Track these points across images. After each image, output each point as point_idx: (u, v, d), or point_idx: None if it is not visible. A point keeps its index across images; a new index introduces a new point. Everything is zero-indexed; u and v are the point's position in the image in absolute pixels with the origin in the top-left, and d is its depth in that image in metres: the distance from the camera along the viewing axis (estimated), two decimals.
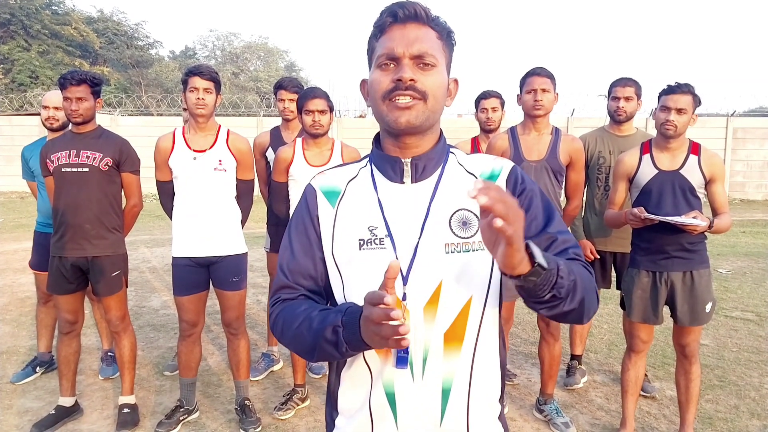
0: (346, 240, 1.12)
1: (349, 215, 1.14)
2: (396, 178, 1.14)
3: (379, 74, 1.08)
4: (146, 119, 16.83)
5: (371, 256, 1.10)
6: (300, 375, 3.35)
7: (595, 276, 3.84)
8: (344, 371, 1.16)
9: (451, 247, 1.09)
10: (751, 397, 3.44)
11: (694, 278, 2.69)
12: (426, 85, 1.06)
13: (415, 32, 1.06)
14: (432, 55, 1.06)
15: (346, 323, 0.99)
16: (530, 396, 3.49)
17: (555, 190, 3.02)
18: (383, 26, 1.08)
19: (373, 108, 1.11)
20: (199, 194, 2.93)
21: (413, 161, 1.12)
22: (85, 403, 3.33)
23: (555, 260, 0.95)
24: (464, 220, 1.11)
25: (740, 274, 6.76)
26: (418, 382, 1.07)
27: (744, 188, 15.89)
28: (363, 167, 1.20)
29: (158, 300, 5.60)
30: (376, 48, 1.10)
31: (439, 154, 1.15)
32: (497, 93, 3.76)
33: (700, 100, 2.69)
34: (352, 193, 1.16)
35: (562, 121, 15.45)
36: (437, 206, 1.11)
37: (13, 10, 26.80)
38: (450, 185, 1.14)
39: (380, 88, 1.07)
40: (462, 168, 1.17)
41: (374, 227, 1.11)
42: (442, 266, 1.08)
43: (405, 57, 1.05)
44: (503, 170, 1.16)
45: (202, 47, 37.64)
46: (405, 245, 1.09)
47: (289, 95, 3.64)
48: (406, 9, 1.06)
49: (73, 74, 2.89)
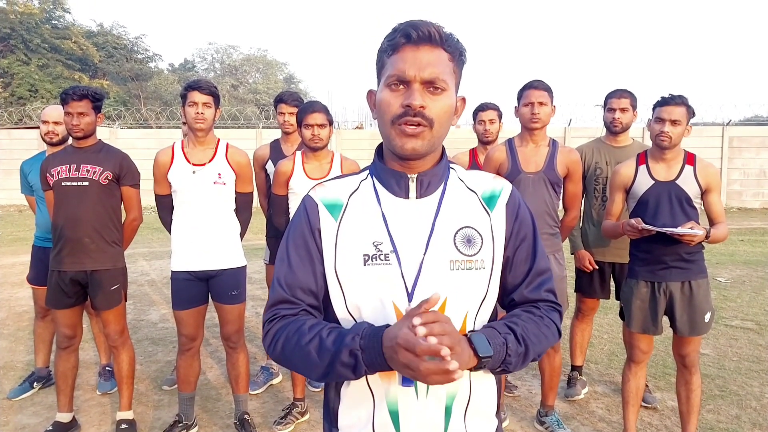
0: (350, 255, 1.11)
1: (353, 229, 1.12)
2: (400, 193, 1.14)
3: (388, 95, 1.07)
4: (145, 132, 16.88)
5: (376, 272, 1.09)
6: (299, 389, 3.34)
7: (593, 287, 3.80)
8: (344, 388, 1.15)
9: (456, 264, 1.10)
10: (752, 407, 3.43)
11: (692, 288, 2.70)
12: (434, 111, 1.05)
13: (428, 56, 1.05)
14: (443, 80, 1.06)
15: (366, 347, 0.99)
16: (531, 408, 3.47)
17: (553, 202, 3.03)
18: (396, 46, 1.07)
19: (380, 128, 1.11)
20: (198, 208, 2.94)
21: (419, 177, 1.13)
22: (83, 419, 3.31)
23: (502, 339, 1.04)
24: (468, 238, 1.12)
25: (739, 282, 6.76)
26: (422, 400, 1.07)
27: (741, 196, 15.94)
28: (364, 180, 1.19)
29: (157, 313, 5.58)
30: (387, 65, 1.09)
31: (442, 171, 1.16)
32: (495, 105, 3.78)
33: (694, 111, 2.72)
34: (355, 206, 1.15)
35: (560, 131, 15.53)
36: (442, 222, 1.12)
37: (13, 25, 26.97)
38: (453, 201, 1.15)
39: (389, 111, 1.06)
40: (463, 184, 1.18)
41: (379, 242, 1.10)
42: (447, 283, 1.08)
43: (416, 81, 1.04)
44: (503, 192, 1.18)
45: (201, 60, 37.87)
46: (410, 261, 1.09)
47: (289, 109, 3.67)
48: (420, 31, 1.05)
49: (74, 90, 2.91)
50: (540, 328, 1.13)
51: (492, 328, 1.07)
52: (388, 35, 1.09)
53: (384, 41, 1.10)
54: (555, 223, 3.07)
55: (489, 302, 1.15)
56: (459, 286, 1.09)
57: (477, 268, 1.11)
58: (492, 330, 1.06)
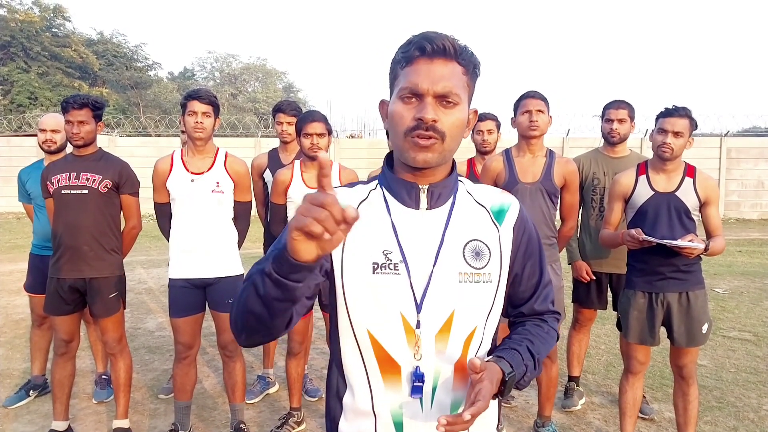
0: (359, 262, 1.10)
1: (362, 237, 1.11)
2: (411, 204, 1.13)
3: (401, 107, 1.07)
4: (144, 140, 16.90)
5: (385, 281, 1.09)
6: (296, 398, 3.32)
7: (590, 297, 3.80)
8: (346, 398, 1.14)
9: (464, 277, 1.10)
10: (749, 419, 3.42)
11: (690, 299, 2.70)
12: (446, 125, 1.05)
13: (441, 70, 1.05)
14: (456, 93, 1.05)
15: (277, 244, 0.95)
16: (528, 418, 3.46)
17: (550, 212, 3.04)
18: (410, 58, 1.06)
19: (393, 139, 1.11)
20: (196, 216, 2.94)
21: (430, 188, 1.13)
22: (79, 428, 3.29)
23: (523, 368, 1.10)
24: (477, 251, 1.12)
25: (737, 293, 6.76)
26: (427, 411, 1.07)
27: (739, 207, 15.97)
28: (373, 189, 1.18)
29: (154, 322, 5.57)
30: (400, 77, 1.08)
31: (453, 183, 1.17)
32: (493, 115, 3.81)
33: (697, 124, 2.73)
34: (365, 215, 1.14)
35: (558, 141, 15.58)
36: (451, 235, 1.12)
37: (14, 32, 27.08)
38: (462, 214, 1.15)
39: (402, 123, 1.06)
40: (471, 197, 1.19)
41: (389, 251, 1.10)
42: (456, 295, 1.09)
43: (429, 95, 1.04)
44: (512, 207, 1.20)
45: (200, 69, 38.03)
46: (419, 272, 1.09)
47: (288, 118, 3.69)
48: (435, 44, 1.04)
49: (75, 98, 2.93)
50: (548, 342, 1.20)
51: (517, 353, 1.11)
52: (403, 46, 1.08)
53: (398, 52, 1.09)
54: (552, 233, 3.07)
55: (495, 315, 1.16)
56: (467, 298, 1.10)
57: (485, 281, 1.12)
58: (516, 356, 1.10)
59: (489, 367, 1.02)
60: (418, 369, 1.07)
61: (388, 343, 1.08)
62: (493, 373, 1.02)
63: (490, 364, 1.04)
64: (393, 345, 1.08)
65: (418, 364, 1.07)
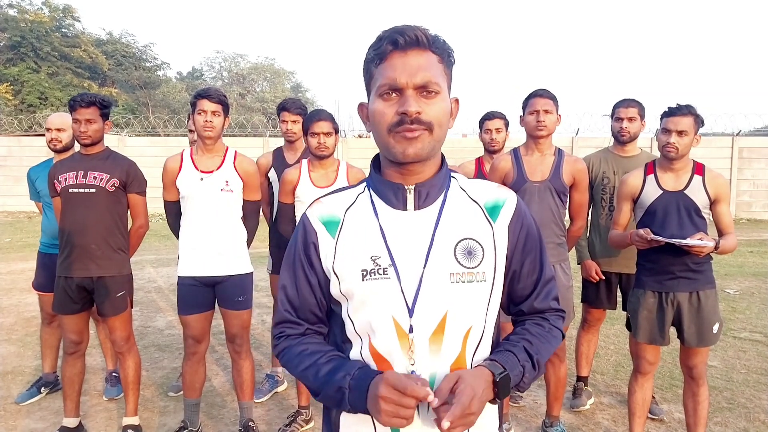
0: (349, 271, 1.10)
1: (351, 245, 1.11)
2: (398, 205, 1.11)
3: (382, 105, 1.05)
4: (153, 139, 16.99)
5: (375, 287, 1.08)
6: (304, 396, 3.33)
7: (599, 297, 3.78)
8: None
9: (456, 277, 1.08)
10: (760, 420, 3.39)
11: (700, 299, 2.68)
12: (431, 115, 1.03)
13: (417, 60, 1.03)
14: (435, 82, 1.04)
15: (354, 387, 1.02)
16: (536, 418, 3.45)
17: (559, 211, 3.02)
18: (383, 54, 1.04)
19: (377, 138, 1.09)
20: (205, 214, 2.95)
21: (416, 188, 1.10)
22: (89, 424, 3.32)
23: (520, 368, 1.08)
24: (469, 250, 1.09)
25: (748, 294, 6.70)
26: (423, 414, 1.06)
27: (750, 207, 15.81)
28: (361, 193, 1.17)
29: (163, 320, 5.60)
30: (376, 75, 1.06)
31: (442, 180, 1.14)
32: (501, 114, 3.79)
33: (703, 121, 2.69)
34: (352, 221, 1.13)
35: (567, 141, 15.49)
36: (441, 234, 1.09)
37: (24, 33, 27.33)
38: (453, 212, 1.12)
39: (384, 121, 1.04)
40: (464, 193, 1.16)
41: (377, 257, 1.08)
42: (448, 296, 1.07)
43: (409, 88, 1.02)
44: (508, 202, 1.16)
45: (209, 68, 38.19)
46: (409, 275, 1.07)
47: (292, 117, 3.69)
48: (406, 36, 1.02)
49: (82, 97, 2.94)
50: (550, 342, 1.16)
51: (512, 354, 1.09)
52: (373, 44, 1.06)
53: (369, 51, 1.07)
54: (561, 232, 3.06)
55: (491, 315, 1.13)
56: (460, 299, 1.08)
57: (478, 280, 1.09)
58: (511, 357, 1.08)
59: (464, 377, 1.00)
60: (413, 373, 1.06)
61: (383, 348, 1.08)
62: (476, 378, 1.01)
63: (474, 370, 1.03)
64: (388, 350, 1.08)
65: (413, 368, 1.06)
